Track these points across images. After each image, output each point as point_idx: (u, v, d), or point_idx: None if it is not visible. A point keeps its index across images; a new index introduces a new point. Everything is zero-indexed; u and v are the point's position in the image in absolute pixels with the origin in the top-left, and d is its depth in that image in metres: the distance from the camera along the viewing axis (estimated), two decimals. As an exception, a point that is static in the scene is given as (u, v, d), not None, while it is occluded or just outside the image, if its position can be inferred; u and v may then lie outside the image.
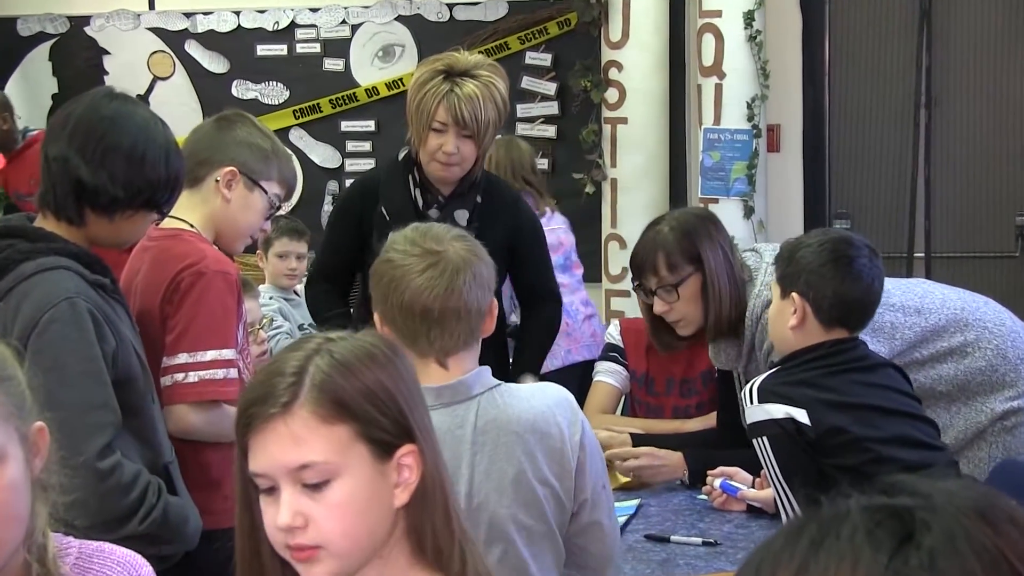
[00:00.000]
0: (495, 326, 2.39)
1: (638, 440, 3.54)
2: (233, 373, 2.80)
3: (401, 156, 3.73)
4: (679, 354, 3.70)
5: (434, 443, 1.69)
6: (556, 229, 5.30)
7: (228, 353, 2.79)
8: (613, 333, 3.86)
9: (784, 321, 2.90)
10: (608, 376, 3.79)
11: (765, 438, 2.79)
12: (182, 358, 2.77)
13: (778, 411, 2.78)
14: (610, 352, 3.83)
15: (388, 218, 3.59)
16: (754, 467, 3.05)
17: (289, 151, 3.17)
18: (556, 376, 4.69)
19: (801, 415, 2.76)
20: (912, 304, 3.36)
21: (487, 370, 2.35)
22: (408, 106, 3.60)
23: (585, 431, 2.35)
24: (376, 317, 2.34)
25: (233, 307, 2.83)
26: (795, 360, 2.89)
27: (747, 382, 3.40)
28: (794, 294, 2.88)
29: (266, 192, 3.01)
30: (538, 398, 2.34)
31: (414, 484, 1.64)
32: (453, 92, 3.52)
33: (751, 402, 2.83)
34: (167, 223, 2.87)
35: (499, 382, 2.35)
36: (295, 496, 1.59)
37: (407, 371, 1.68)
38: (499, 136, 5.43)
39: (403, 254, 2.29)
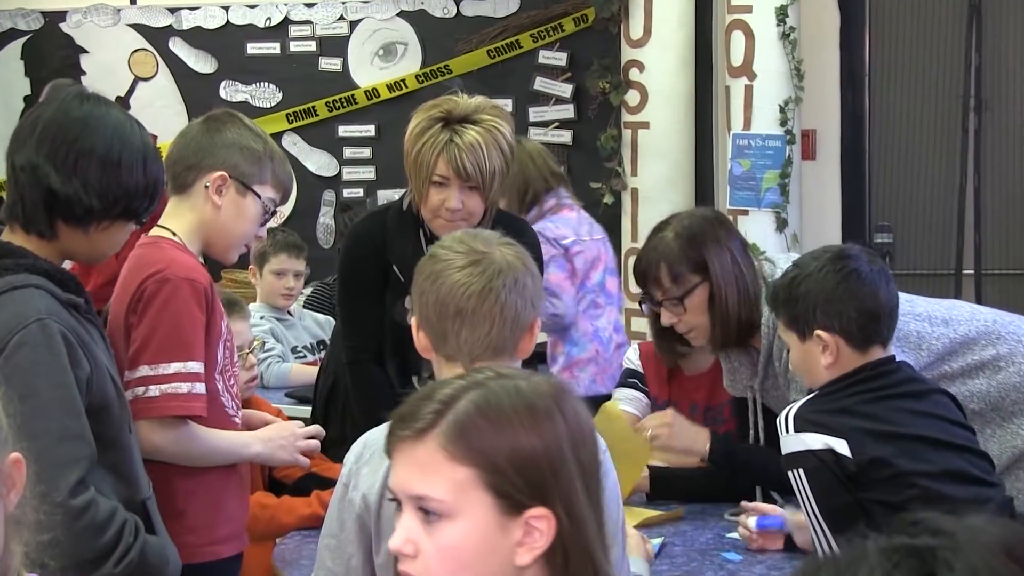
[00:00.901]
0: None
1: (660, 475, 3.55)
2: (200, 388, 2.80)
3: (405, 204, 3.68)
4: (702, 379, 3.70)
5: (584, 515, 1.68)
6: (597, 240, 5.23)
7: (194, 366, 2.80)
8: (632, 358, 3.86)
9: (815, 363, 2.89)
10: (627, 404, 3.78)
11: (801, 471, 2.78)
12: (143, 371, 2.78)
13: (815, 441, 2.77)
14: (629, 378, 3.83)
15: (402, 279, 3.57)
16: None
17: (283, 153, 3.17)
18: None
19: (841, 446, 2.75)
20: (939, 315, 3.36)
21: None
22: (405, 159, 3.57)
23: (606, 468, 2.34)
24: (413, 323, 2.38)
25: (200, 317, 2.83)
26: (835, 385, 2.88)
27: (764, 403, 3.40)
28: (818, 332, 2.86)
29: (259, 197, 3.01)
30: None
31: (541, 548, 1.66)
32: (453, 142, 3.47)
33: (786, 431, 2.82)
34: (152, 231, 2.88)
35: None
36: (413, 522, 1.66)
37: (570, 429, 1.68)
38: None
39: (447, 250, 2.35)
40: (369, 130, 7.74)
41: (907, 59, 7.17)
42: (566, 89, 7.47)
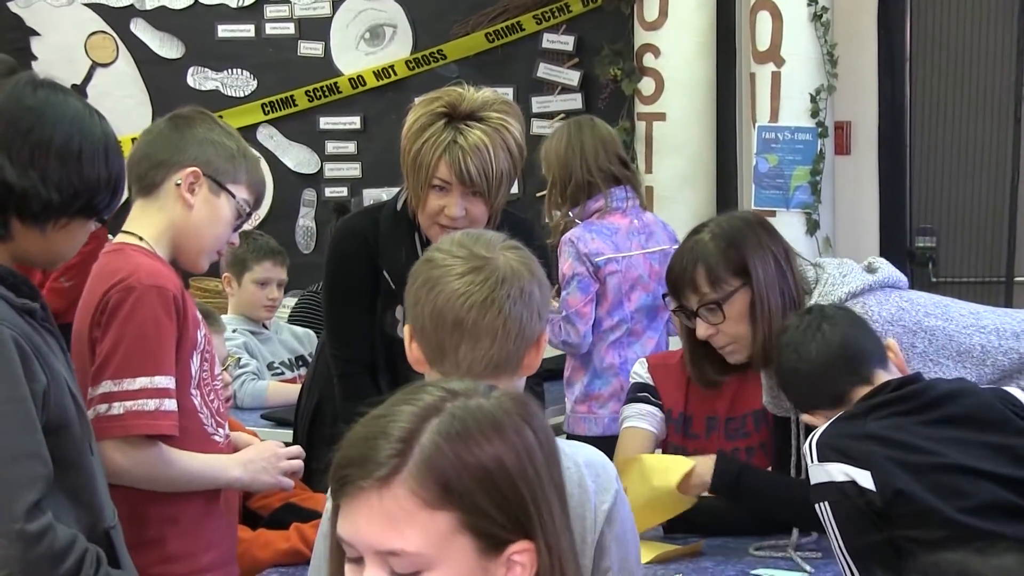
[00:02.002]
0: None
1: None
2: (169, 404, 2.82)
3: (400, 204, 3.66)
4: (723, 388, 3.70)
5: (561, 539, 1.68)
6: (652, 254, 5.11)
7: (163, 381, 2.82)
8: (640, 372, 3.86)
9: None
10: (640, 420, 3.78)
11: (826, 504, 2.80)
12: (106, 386, 2.80)
13: (838, 472, 2.79)
14: (639, 392, 3.82)
15: (393, 286, 3.57)
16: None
17: (257, 154, 3.20)
18: (593, 444, 4.64)
19: (864, 478, 2.76)
20: (1009, 327, 3.35)
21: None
22: (402, 157, 3.54)
23: (618, 505, 2.35)
24: (406, 333, 2.37)
25: (169, 326, 2.85)
26: (861, 405, 2.90)
27: (808, 429, 3.40)
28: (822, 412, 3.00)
29: (234, 197, 3.03)
30: (566, 451, 2.35)
31: None
32: (456, 143, 3.44)
33: (811, 459, 2.84)
34: (117, 237, 2.90)
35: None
36: None
37: (542, 447, 1.68)
38: (570, 121, 5.38)
39: (446, 254, 2.33)
40: (354, 122, 7.75)
41: (953, 43, 7.18)
42: (573, 77, 7.48)
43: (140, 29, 7.88)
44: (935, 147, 7.24)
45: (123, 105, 7.55)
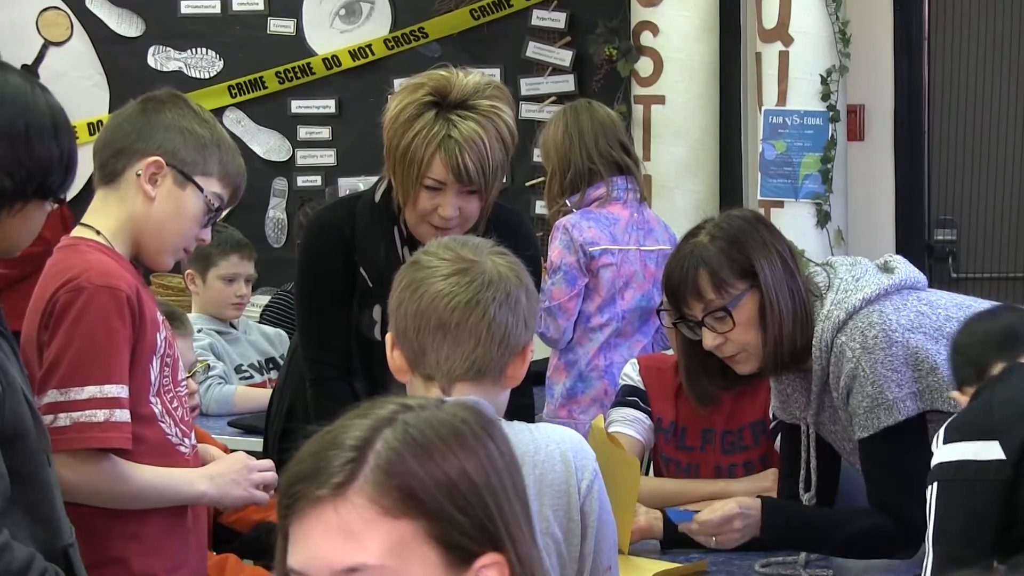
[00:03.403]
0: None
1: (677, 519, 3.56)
2: (121, 415, 2.82)
3: (379, 195, 3.65)
4: (721, 398, 3.70)
5: (532, 551, 1.69)
6: (651, 251, 5.09)
7: (113, 390, 2.81)
8: (630, 373, 3.86)
9: None
10: (626, 426, 3.79)
11: (935, 483, 2.87)
12: (51, 396, 2.80)
13: (957, 451, 2.86)
14: (628, 396, 3.83)
15: (371, 284, 3.57)
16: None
17: (234, 144, 3.18)
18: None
19: (991, 449, 2.82)
20: None
21: (486, 404, 2.39)
22: (387, 148, 3.52)
23: (597, 482, 2.49)
24: (388, 340, 2.43)
25: (122, 330, 2.85)
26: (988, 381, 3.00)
27: (821, 435, 3.41)
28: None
29: (202, 190, 3.02)
30: (548, 432, 2.48)
31: None
32: (451, 137, 3.42)
33: (936, 444, 2.92)
34: (74, 231, 2.89)
35: (500, 418, 2.40)
36: None
37: (503, 456, 1.69)
38: (567, 106, 5.37)
39: (432, 256, 2.42)
40: (328, 106, 7.75)
41: (975, 20, 7.20)
42: (565, 57, 7.49)
43: (96, 5, 7.87)
44: (956, 132, 7.26)
45: (78, 87, 7.54)
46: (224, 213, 3.21)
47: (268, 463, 3.16)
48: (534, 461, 2.42)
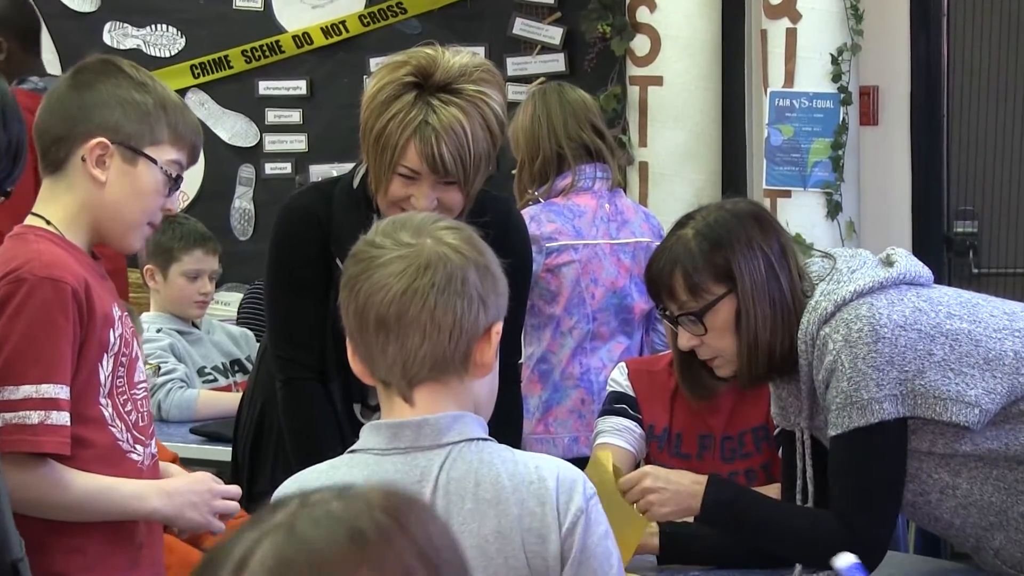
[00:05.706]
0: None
1: (673, 533, 3.58)
2: (60, 418, 2.81)
3: (356, 181, 3.64)
4: (719, 401, 3.71)
5: None
6: (627, 244, 5.03)
7: (50, 390, 2.81)
8: (618, 379, 3.87)
9: None
10: (615, 436, 3.80)
11: None
12: None
13: None
14: (616, 403, 3.84)
15: None
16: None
17: (180, 99, 3.14)
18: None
19: None
20: None
21: (472, 418, 2.39)
22: (363, 131, 3.51)
23: (590, 523, 2.37)
24: (348, 348, 2.40)
25: (64, 326, 2.83)
26: None
27: (819, 443, 3.42)
28: None
29: (155, 162, 3.01)
30: (530, 463, 2.38)
31: None
32: (428, 123, 3.41)
33: None
34: (26, 220, 2.90)
35: (486, 436, 2.40)
36: None
37: (421, 550, 1.42)
38: (536, 89, 5.37)
39: (370, 246, 2.37)
40: (299, 87, 7.75)
41: (996, -4, 7.22)
42: (555, 34, 7.49)
43: (48, -22, 7.87)
44: (977, 116, 7.27)
45: (28, 67, 7.54)
46: (185, 173, 3.14)
47: (235, 490, 3.13)
48: (498, 511, 2.32)
